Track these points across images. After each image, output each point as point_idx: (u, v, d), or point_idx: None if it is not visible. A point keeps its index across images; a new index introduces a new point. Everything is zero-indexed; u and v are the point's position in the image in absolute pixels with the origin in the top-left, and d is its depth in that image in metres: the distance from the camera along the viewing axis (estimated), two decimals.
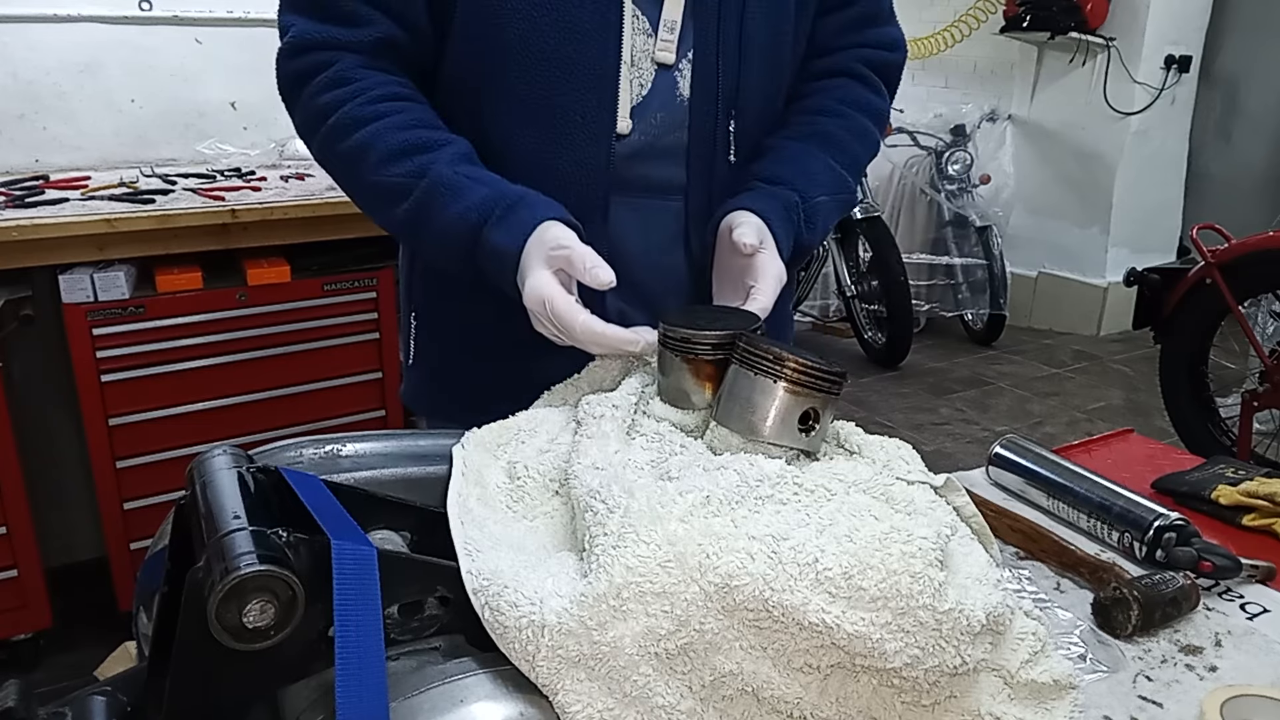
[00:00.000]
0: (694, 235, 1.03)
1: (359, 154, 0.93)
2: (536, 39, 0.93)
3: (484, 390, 0.99)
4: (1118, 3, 4.37)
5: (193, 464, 0.63)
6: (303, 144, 1.02)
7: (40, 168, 2.43)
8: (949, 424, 3.76)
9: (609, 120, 0.96)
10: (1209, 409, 3.15)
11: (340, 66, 0.94)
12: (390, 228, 0.97)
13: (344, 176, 0.98)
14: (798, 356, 0.73)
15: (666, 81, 0.98)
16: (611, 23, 0.94)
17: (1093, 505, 1.02)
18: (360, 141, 0.92)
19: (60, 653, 2.25)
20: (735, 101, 1.00)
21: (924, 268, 4.55)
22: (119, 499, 2.18)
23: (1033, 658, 0.71)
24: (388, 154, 0.92)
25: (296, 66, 0.96)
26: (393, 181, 0.92)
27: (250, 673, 0.55)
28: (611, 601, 0.58)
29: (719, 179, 1.02)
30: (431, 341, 1.11)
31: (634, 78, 0.97)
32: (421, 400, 1.15)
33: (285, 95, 0.99)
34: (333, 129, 0.94)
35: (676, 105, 0.99)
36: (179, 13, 2.51)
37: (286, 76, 0.97)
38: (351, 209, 1.06)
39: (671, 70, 0.98)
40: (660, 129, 0.99)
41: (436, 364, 1.12)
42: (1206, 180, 4.80)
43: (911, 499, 0.69)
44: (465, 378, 1.09)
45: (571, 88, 0.94)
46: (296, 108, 0.98)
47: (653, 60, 0.97)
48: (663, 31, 0.97)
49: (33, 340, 2.28)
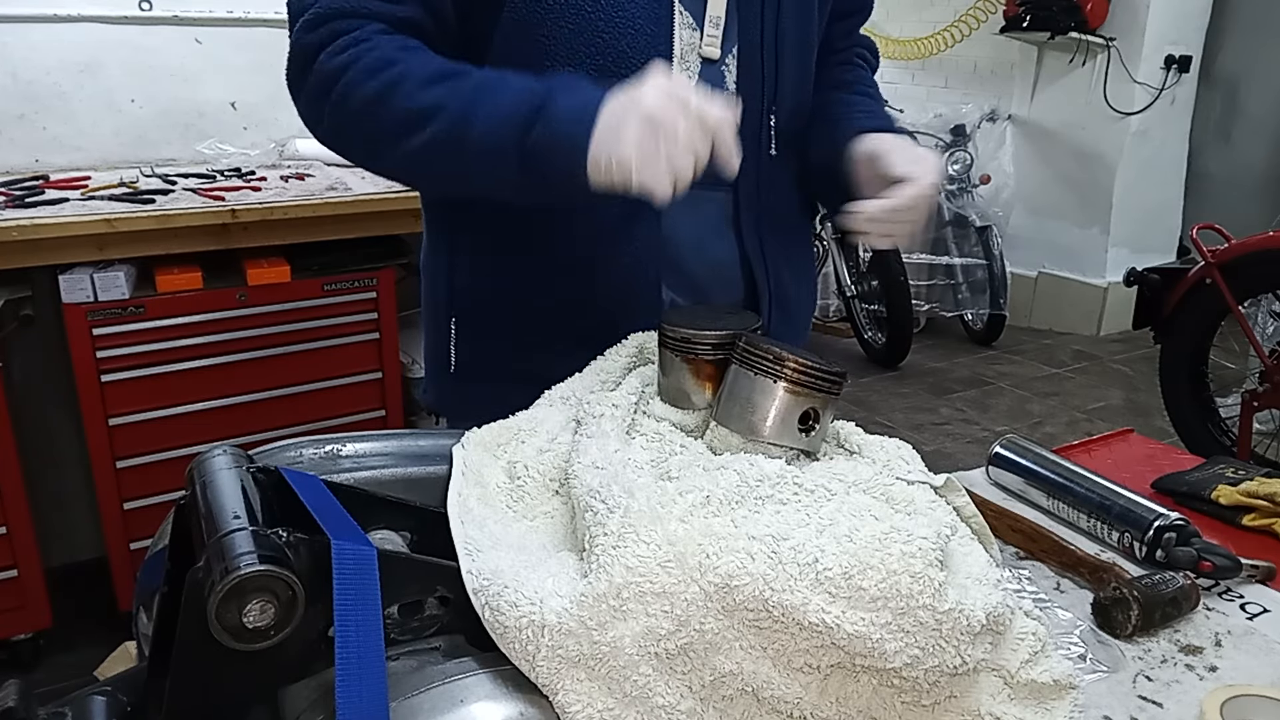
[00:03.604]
0: (744, 225, 1.07)
1: (390, 88, 0.87)
2: (589, 33, 0.94)
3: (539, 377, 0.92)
4: (1118, 3, 4.37)
5: (193, 464, 0.63)
6: (302, 143, 1.02)
7: (40, 168, 2.43)
8: (949, 424, 3.76)
9: None
10: (1209, 409, 3.15)
11: (361, 32, 0.90)
12: (424, 151, 0.88)
13: (367, 120, 0.90)
14: (798, 356, 0.73)
15: (713, 75, 1.01)
16: (662, 17, 0.96)
17: (1093, 505, 1.02)
18: (391, 78, 0.87)
19: (60, 653, 2.24)
20: (775, 97, 1.04)
21: (924, 268, 4.54)
22: (119, 499, 2.18)
23: (1033, 658, 0.71)
24: (424, 80, 0.87)
25: (314, 38, 0.91)
26: (431, 100, 0.86)
27: (250, 673, 0.55)
28: (611, 601, 0.58)
29: (764, 172, 1.06)
30: (479, 342, 1.07)
31: (682, 69, 0.99)
32: (463, 405, 1.09)
33: (295, 70, 0.93)
34: (355, 77, 0.88)
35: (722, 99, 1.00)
36: (179, 13, 2.51)
37: (301, 49, 0.91)
38: (351, 209, 1.06)
39: (717, 65, 1.01)
40: None
41: (484, 363, 1.07)
42: (1206, 180, 4.80)
43: (911, 499, 0.69)
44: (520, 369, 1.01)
45: (626, 82, 0.91)
46: (305, 81, 0.92)
47: (699, 54, 1.00)
48: (708, 27, 0.99)
49: (33, 340, 2.28)
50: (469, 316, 1.08)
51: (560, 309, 1.03)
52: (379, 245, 2.36)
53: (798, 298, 1.16)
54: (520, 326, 1.06)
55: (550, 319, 1.04)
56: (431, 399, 1.15)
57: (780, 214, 1.10)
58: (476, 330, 1.08)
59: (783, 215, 1.11)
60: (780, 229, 1.11)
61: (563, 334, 1.02)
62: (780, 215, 1.10)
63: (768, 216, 1.08)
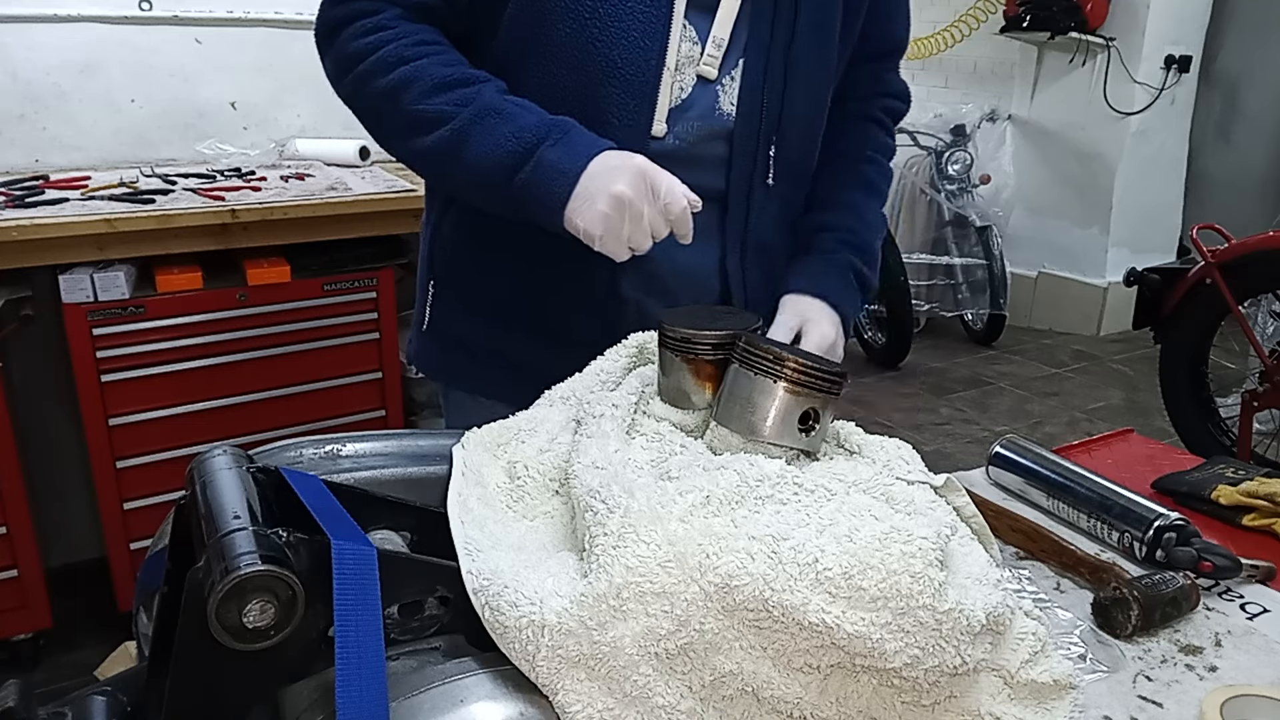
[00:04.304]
0: (729, 245, 1.07)
1: (400, 87, 0.95)
2: (583, 38, 0.96)
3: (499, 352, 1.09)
4: (1118, 3, 4.37)
5: (193, 464, 0.63)
6: (302, 143, 1.04)
7: (40, 168, 2.43)
8: (949, 424, 3.76)
9: (645, 121, 0.98)
10: (1209, 409, 3.15)
11: (382, 17, 0.98)
12: (424, 156, 0.98)
13: (379, 110, 1.00)
14: (798, 356, 0.73)
15: (708, 94, 1.01)
16: (658, 28, 0.96)
17: (1093, 505, 1.02)
18: (403, 76, 0.95)
19: (60, 653, 2.24)
20: (778, 127, 1.03)
21: (924, 268, 4.54)
22: (119, 499, 2.18)
23: (1033, 658, 0.71)
24: (432, 86, 0.95)
25: (339, 13, 1.00)
26: (436, 109, 0.94)
27: (250, 673, 0.55)
28: (611, 601, 0.58)
29: (756, 199, 1.06)
30: (448, 306, 1.14)
31: (676, 81, 0.99)
32: (432, 362, 1.18)
33: (320, 40, 1.03)
34: (372, 67, 0.97)
35: (716, 118, 1.02)
36: (179, 13, 2.51)
37: (326, 21, 1.01)
38: (351, 209, 1.07)
39: (714, 84, 1.01)
40: (697, 138, 1.02)
41: (451, 328, 1.14)
42: (1206, 180, 4.80)
43: (911, 499, 0.69)
44: (480, 341, 1.12)
45: (614, 89, 0.97)
46: (330, 51, 1.02)
47: (696, 71, 1.00)
48: (710, 46, 0.99)
49: (33, 340, 2.28)
50: (444, 284, 1.14)
51: (526, 293, 1.07)
52: (379, 245, 2.36)
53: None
54: (487, 301, 1.10)
55: (515, 299, 1.08)
56: (412, 351, 1.22)
57: (769, 241, 1.10)
58: (450, 295, 1.14)
59: (771, 243, 1.10)
60: (767, 253, 1.10)
61: (521, 315, 1.08)
62: (769, 243, 1.10)
63: (754, 241, 1.08)
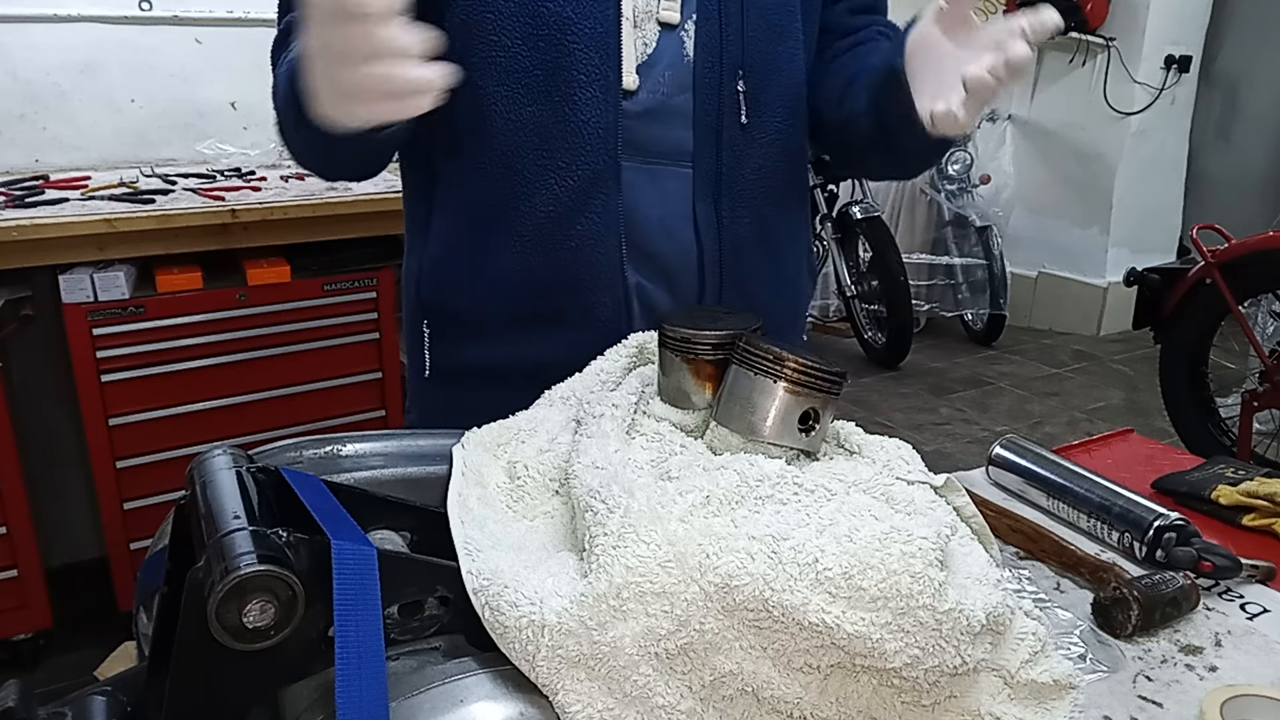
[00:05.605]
0: (699, 205, 1.01)
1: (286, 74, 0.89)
2: (534, 2, 0.93)
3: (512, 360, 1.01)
4: (1118, 3, 4.37)
5: (193, 464, 0.63)
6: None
7: (40, 168, 2.43)
8: (949, 424, 3.76)
9: (614, 77, 0.96)
10: (1209, 409, 3.15)
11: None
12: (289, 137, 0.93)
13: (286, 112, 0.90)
14: (798, 356, 0.73)
15: (672, 41, 0.99)
16: None
17: (1093, 505, 1.02)
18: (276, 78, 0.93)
19: (60, 653, 2.25)
20: (742, 61, 1.00)
21: (924, 268, 4.54)
22: (119, 499, 2.18)
23: (1033, 658, 0.71)
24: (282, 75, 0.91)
25: (275, 52, 0.98)
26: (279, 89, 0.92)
27: (250, 673, 0.55)
28: (611, 601, 0.58)
29: (728, 142, 1.01)
30: (448, 337, 1.07)
31: (638, 36, 0.97)
32: (438, 414, 1.08)
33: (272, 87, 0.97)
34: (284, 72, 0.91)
35: (683, 66, 0.99)
36: (179, 13, 2.51)
37: (272, 65, 0.98)
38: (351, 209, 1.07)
39: (677, 30, 0.99)
40: (669, 88, 0.99)
41: (456, 356, 1.07)
42: (1206, 180, 4.80)
43: (911, 499, 0.69)
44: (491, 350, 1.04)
45: (575, 47, 0.94)
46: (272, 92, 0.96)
47: (656, 20, 0.98)
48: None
49: (33, 340, 2.28)
50: (438, 311, 1.07)
51: (524, 287, 1.00)
52: (379, 245, 2.36)
53: (763, 286, 1.07)
54: (485, 309, 1.03)
55: (513, 300, 1.01)
56: (414, 417, 1.13)
57: (752, 186, 1.03)
58: (446, 320, 1.06)
59: (755, 188, 1.03)
60: (752, 200, 1.03)
61: (525, 316, 1.01)
62: (753, 188, 1.03)
63: (732, 186, 1.01)
